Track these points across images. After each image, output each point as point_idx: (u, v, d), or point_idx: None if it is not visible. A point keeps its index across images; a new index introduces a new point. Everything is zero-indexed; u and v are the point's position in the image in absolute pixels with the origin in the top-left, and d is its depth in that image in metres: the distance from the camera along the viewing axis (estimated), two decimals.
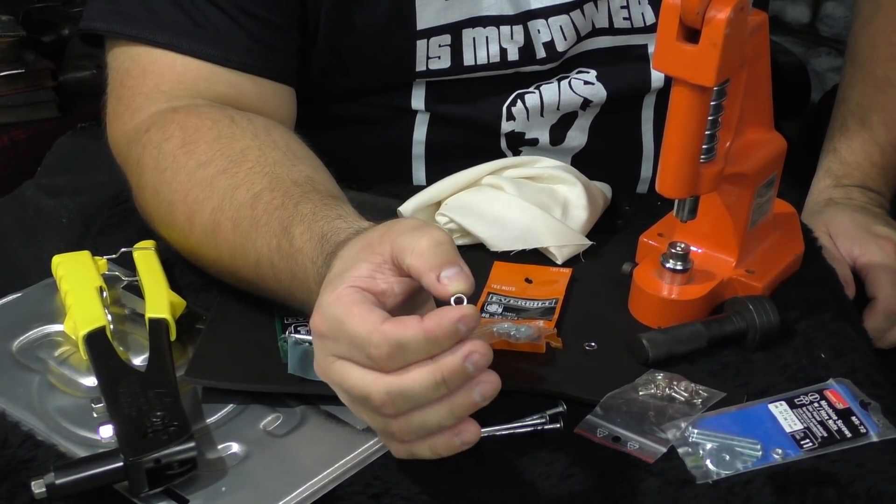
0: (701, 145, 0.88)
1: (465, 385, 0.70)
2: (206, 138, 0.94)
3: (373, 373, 0.71)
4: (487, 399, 0.71)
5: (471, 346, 0.69)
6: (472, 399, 0.70)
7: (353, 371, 0.71)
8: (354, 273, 0.73)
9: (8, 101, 1.74)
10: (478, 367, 0.69)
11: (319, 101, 1.13)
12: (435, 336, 0.68)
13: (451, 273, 0.70)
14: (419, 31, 1.06)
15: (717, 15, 0.80)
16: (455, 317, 0.68)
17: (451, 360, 0.69)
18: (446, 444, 0.72)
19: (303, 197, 0.86)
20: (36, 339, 0.91)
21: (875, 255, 1.18)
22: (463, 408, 0.71)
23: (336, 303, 0.71)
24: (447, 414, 0.71)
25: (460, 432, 0.72)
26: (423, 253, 0.71)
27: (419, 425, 0.71)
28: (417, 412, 0.71)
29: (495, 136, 1.14)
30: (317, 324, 0.73)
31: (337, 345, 0.72)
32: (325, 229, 0.82)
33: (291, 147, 0.95)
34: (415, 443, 0.73)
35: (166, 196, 0.94)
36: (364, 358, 0.70)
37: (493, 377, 0.70)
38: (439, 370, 0.69)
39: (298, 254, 0.83)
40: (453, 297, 0.70)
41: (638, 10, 1.10)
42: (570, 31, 1.08)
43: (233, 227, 0.89)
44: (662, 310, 0.95)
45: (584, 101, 1.13)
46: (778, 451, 0.83)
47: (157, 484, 0.76)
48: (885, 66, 1.28)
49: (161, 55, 1.00)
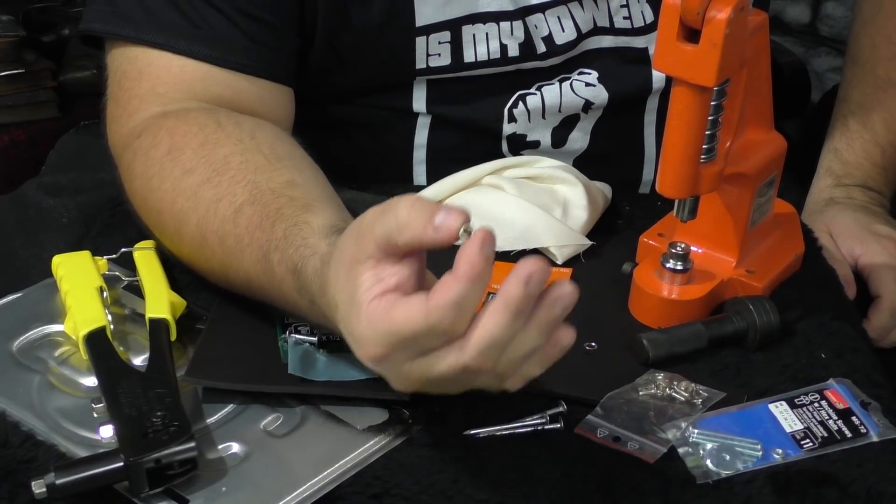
0: (701, 145, 0.88)
1: (544, 304, 0.70)
2: (192, 145, 0.93)
3: (452, 347, 0.70)
4: (569, 309, 0.71)
5: (525, 269, 0.68)
6: (555, 315, 0.71)
7: (434, 359, 0.70)
8: (363, 289, 0.71)
9: (8, 101, 1.74)
10: (541, 284, 0.68)
11: (321, 104, 1.13)
12: (476, 273, 0.67)
13: (443, 216, 0.69)
14: (418, 27, 1.06)
15: (717, 15, 0.81)
16: (477, 246, 0.67)
17: (514, 290, 0.68)
18: (551, 356, 0.73)
19: (277, 214, 0.85)
20: (36, 339, 0.91)
21: (877, 255, 1.18)
22: (550, 324, 0.71)
23: (373, 323, 0.70)
24: (538, 334, 0.71)
25: (558, 341, 0.72)
26: (408, 222, 0.69)
27: (520, 355, 0.71)
28: (512, 347, 0.70)
29: (497, 139, 1.14)
30: (371, 352, 0.71)
31: (404, 352, 0.71)
32: (294, 259, 0.81)
33: (276, 149, 0.94)
34: (523, 368, 0.73)
35: (154, 205, 0.95)
36: (436, 340, 0.69)
37: (568, 289, 0.70)
38: (508, 305, 0.68)
39: (282, 283, 0.83)
40: (461, 232, 0.69)
41: (637, 8, 1.10)
42: (568, 24, 1.08)
43: (220, 243, 0.89)
44: (662, 310, 0.95)
45: (585, 104, 1.13)
46: (778, 451, 0.83)
47: (157, 484, 0.76)
48: (885, 66, 1.28)
49: (158, 56, 1.00)
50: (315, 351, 0.86)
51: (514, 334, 0.70)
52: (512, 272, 0.68)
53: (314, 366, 0.85)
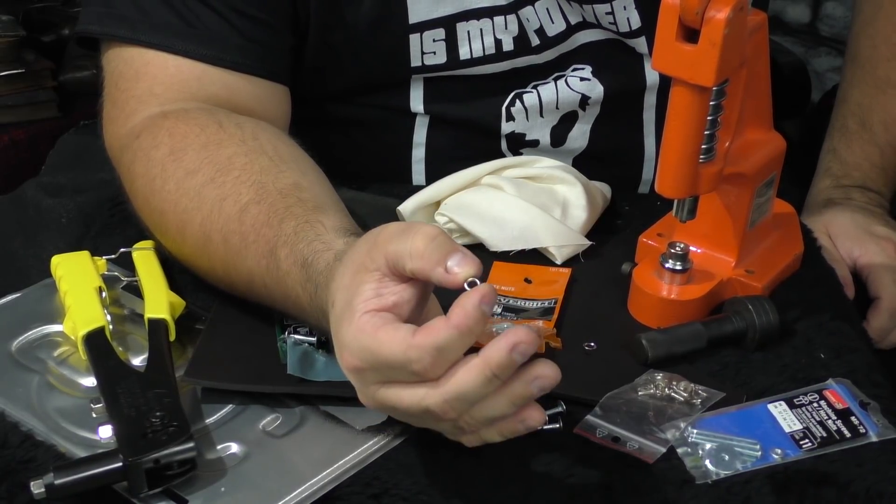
0: (700, 145, 0.88)
1: (522, 378, 0.70)
2: (194, 145, 0.94)
3: (423, 387, 0.71)
4: (546, 391, 0.71)
5: (514, 336, 0.68)
6: (530, 392, 0.71)
7: (403, 392, 0.71)
8: (361, 299, 0.72)
9: (8, 101, 1.74)
10: (524, 356, 0.68)
11: (319, 103, 1.13)
12: (467, 326, 0.68)
13: (457, 260, 0.70)
14: (411, 25, 1.06)
15: (716, 15, 0.80)
16: (476, 300, 0.68)
17: (497, 354, 0.68)
18: (512, 430, 0.73)
19: (287, 212, 0.86)
20: (35, 339, 0.91)
21: (876, 256, 1.18)
22: (522, 399, 0.71)
23: (359, 335, 0.71)
24: (507, 404, 0.71)
25: (524, 419, 0.73)
26: (422, 253, 0.70)
27: (484, 417, 0.72)
28: (478, 407, 0.71)
29: (496, 138, 1.14)
30: (349, 361, 0.72)
31: (377, 373, 0.72)
32: (305, 252, 0.82)
33: (279, 151, 0.94)
34: (483, 430, 0.74)
35: (157, 205, 0.95)
36: (408, 376, 0.70)
37: (550, 371, 0.70)
38: (488, 366, 0.69)
39: (287, 277, 0.84)
40: (466, 282, 0.70)
41: (623, 15, 1.09)
42: (557, 17, 1.08)
43: (223, 242, 0.89)
44: (662, 310, 0.95)
45: (582, 99, 1.13)
46: (777, 451, 0.83)
47: (156, 484, 0.76)
48: (885, 67, 1.28)
49: (154, 56, 1.00)
50: (314, 351, 0.86)
51: (484, 395, 0.70)
52: (502, 335, 0.69)
53: (313, 366, 0.85)
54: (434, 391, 0.70)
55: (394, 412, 0.75)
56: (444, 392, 0.70)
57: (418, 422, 0.76)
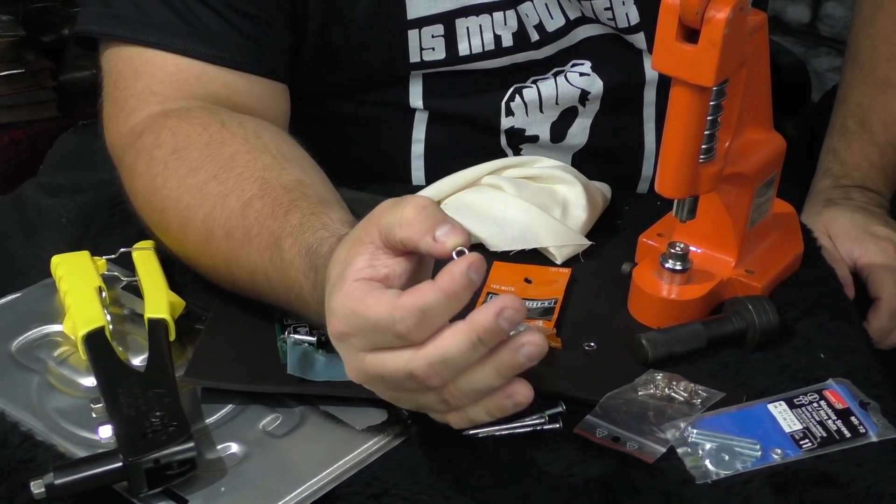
0: (700, 145, 0.88)
1: (509, 345, 0.69)
2: (197, 144, 0.94)
3: (408, 350, 0.70)
4: (533, 360, 0.70)
5: (501, 302, 0.68)
6: (516, 360, 0.69)
7: (387, 356, 0.70)
8: (354, 268, 0.72)
9: (8, 101, 1.74)
10: (511, 322, 0.68)
11: (318, 100, 1.13)
12: (453, 290, 0.67)
13: (445, 230, 0.70)
14: (410, 21, 1.06)
15: (716, 15, 0.80)
16: (464, 266, 0.68)
17: (483, 318, 0.68)
18: (499, 406, 0.72)
19: (292, 205, 0.86)
20: (35, 339, 0.91)
21: (876, 256, 1.18)
22: (509, 368, 0.70)
23: (348, 300, 0.71)
24: (494, 374, 0.70)
25: (511, 394, 0.71)
26: (412, 222, 0.70)
27: (469, 389, 0.71)
28: (463, 377, 0.70)
29: (495, 133, 1.14)
30: (336, 326, 0.72)
31: (362, 339, 0.71)
32: (310, 241, 0.82)
33: (282, 149, 0.94)
34: (470, 408, 0.72)
35: (158, 203, 0.95)
36: (393, 339, 0.69)
37: (537, 338, 0.69)
38: (473, 330, 0.68)
39: (290, 267, 0.83)
40: (454, 251, 0.70)
41: (622, 10, 1.10)
42: (556, 12, 1.08)
43: (226, 237, 0.89)
44: (662, 310, 0.95)
45: (581, 94, 1.13)
46: (777, 451, 0.83)
47: (156, 484, 0.76)
48: (885, 67, 1.28)
49: (153, 55, 1.00)
50: (314, 351, 0.87)
51: (469, 361, 0.69)
52: (489, 302, 0.68)
53: (313, 366, 0.85)
54: (418, 354, 0.69)
55: (378, 383, 0.74)
56: (427, 354, 0.69)
57: (401, 396, 0.74)
